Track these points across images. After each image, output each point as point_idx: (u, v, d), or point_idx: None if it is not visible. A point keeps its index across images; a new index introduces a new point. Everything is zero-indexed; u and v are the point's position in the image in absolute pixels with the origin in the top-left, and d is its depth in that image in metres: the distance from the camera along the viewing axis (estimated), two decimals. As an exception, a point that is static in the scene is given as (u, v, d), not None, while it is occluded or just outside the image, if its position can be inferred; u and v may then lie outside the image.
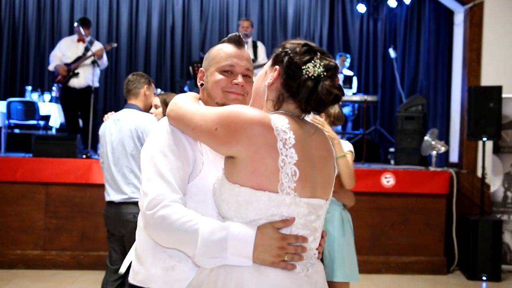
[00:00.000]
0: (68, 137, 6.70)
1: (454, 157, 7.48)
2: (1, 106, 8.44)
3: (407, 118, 7.05)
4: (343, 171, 3.52)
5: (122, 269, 2.23)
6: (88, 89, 7.61)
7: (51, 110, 8.54)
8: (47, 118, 8.49)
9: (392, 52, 9.35)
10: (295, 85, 1.71)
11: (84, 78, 7.64)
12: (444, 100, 8.50)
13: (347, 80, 9.30)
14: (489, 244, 6.04)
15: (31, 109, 8.24)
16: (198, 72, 2.05)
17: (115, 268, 3.90)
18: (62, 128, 8.61)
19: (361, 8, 10.25)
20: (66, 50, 7.75)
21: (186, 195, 1.79)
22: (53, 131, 8.53)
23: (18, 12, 10.07)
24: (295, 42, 1.78)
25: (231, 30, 10.46)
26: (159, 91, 8.00)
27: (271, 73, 1.78)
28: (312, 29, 10.64)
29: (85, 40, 7.65)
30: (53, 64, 7.75)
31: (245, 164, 1.65)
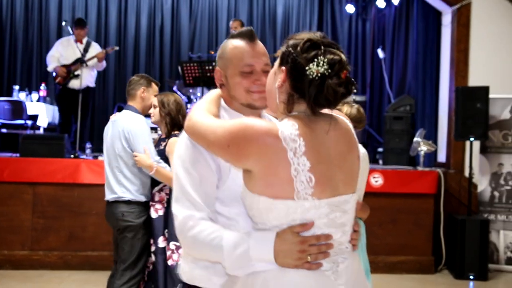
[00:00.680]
0: (56, 136, 6.67)
1: (442, 157, 7.52)
2: (-12, 106, 8.36)
3: (396, 118, 7.08)
4: None
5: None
6: (87, 90, 7.70)
7: (39, 110, 8.48)
8: (34, 118, 8.42)
9: (380, 53, 9.38)
10: (301, 86, 1.69)
11: (84, 79, 7.64)
12: (432, 100, 8.54)
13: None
14: (476, 243, 6.08)
15: (18, 108, 8.17)
16: (214, 73, 2.02)
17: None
18: (50, 127, 8.57)
19: (349, 8, 10.27)
20: (64, 51, 7.74)
21: (220, 201, 1.85)
22: (40, 131, 8.47)
23: (6, 11, 9.99)
24: (299, 38, 1.74)
25: (220, 30, 10.45)
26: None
27: (280, 74, 1.76)
28: (301, 29, 10.62)
29: (81, 41, 7.64)
30: (52, 66, 7.77)
31: (259, 177, 1.67)
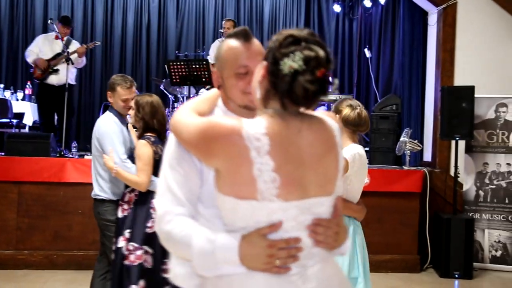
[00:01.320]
0: (41, 135, 6.61)
1: (427, 156, 7.56)
2: (-27, 104, 8.28)
3: (382, 117, 7.09)
4: None
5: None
6: (68, 87, 7.44)
7: (24, 108, 8.42)
8: (20, 116, 8.37)
9: (367, 52, 9.41)
10: (275, 81, 1.64)
11: (63, 76, 7.51)
12: (418, 99, 8.59)
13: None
14: (461, 242, 6.12)
15: (3, 107, 8.11)
16: (212, 74, 2.02)
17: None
18: (36, 126, 8.51)
19: (336, 7, 10.31)
20: (43, 46, 7.65)
21: (200, 202, 1.82)
22: (26, 130, 8.41)
23: (-9, 8, 9.92)
24: (284, 33, 1.69)
25: (207, 29, 10.44)
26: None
27: (262, 69, 1.72)
28: (288, 28, 10.62)
29: (63, 38, 7.57)
30: (31, 58, 7.63)
31: (224, 175, 1.64)
